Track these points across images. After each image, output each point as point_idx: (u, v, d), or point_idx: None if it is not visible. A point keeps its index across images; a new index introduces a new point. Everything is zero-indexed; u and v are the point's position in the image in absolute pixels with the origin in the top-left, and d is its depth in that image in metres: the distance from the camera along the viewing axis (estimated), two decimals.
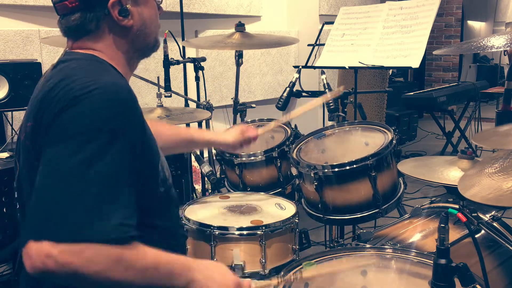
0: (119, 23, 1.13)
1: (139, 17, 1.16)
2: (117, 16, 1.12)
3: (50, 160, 0.96)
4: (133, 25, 1.16)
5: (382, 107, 4.79)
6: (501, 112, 3.57)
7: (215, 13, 4.22)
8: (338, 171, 1.82)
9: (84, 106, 0.98)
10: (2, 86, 2.56)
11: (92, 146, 0.95)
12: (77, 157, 0.94)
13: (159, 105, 2.52)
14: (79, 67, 1.08)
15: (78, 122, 0.97)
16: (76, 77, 1.03)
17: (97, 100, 0.99)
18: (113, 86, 1.03)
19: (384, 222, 2.06)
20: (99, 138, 0.96)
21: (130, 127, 1.02)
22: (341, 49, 2.93)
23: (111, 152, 0.96)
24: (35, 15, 3.20)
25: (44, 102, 1.03)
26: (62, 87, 1.01)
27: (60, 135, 0.97)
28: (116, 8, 1.12)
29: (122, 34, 1.16)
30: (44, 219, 0.92)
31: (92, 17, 1.12)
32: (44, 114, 1.01)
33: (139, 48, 1.21)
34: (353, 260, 1.40)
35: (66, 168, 0.94)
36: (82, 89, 0.99)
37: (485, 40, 1.54)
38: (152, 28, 1.21)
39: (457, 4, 7.69)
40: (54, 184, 0.94)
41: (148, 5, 1.19)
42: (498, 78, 8.32)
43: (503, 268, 1.53)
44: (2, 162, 2.41)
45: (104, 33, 1.14)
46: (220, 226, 1.66)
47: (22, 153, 1.11)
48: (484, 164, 1.37)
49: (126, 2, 1.13)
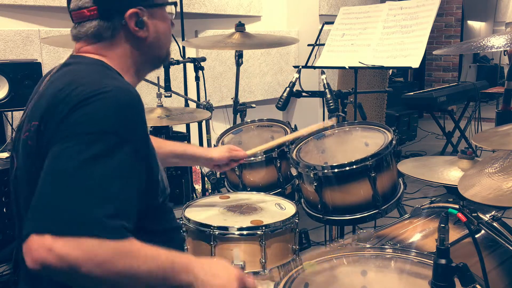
0: (134, 33, 1.16)
1: (154, 29, 1.19)
2: (133, 27, 1.15)
3: (55, 157, 0.98)
4: (147, 37, 1.18)
5: (382, 107, 4.79)
6: (501, 112, 3.57)
7: (215, 13, 4.22)
8: (337, 171, 1.82)
9: (95, 107, 0.99)
10: (2, 86, 2.56)
11: (99, 146, 0.96)
12: (83, 155, 0.95)
13: (159, 105, 2.53)
14: (90, 71, 1.11)
15: (88, 122, 0.98)
16: (87, 80, 1.05)
17: (109, 102, 1.00)
18: (125, 91, 1.05)
19: (384, 222, 2.06)
20: (107, 139, 0.97)
21: (137, 133, 1.04)
22: (341, 49, 2.93)
23: (117, 153, 0.98)
24: (35, 15, 3.20)
25: (53, 102, 1.04)
26: (73, 88, 1.03)
27: (69, 134, 0.99)
28: (133, 20, 1.15)
29: (136, 45, 1.18)
30: (46, 213, 0.93)
31: (109, 26, 1.14)
32: (53, 114, 1.02)
33: (150, 60, 1.24)
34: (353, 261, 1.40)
35: (70, 165, 0.95)
36: (94, 91, 1.01)
37: (485, 40, 1.54)
38: (165, 41, 1.24)
39: (457, 4, 7.69)
40: (57, 180, 0.95)
41: (163, 19, 1.22)
42: (498, 78, 8.32)
43: (503, 268, 1.53)
44: (2, 162, 2.41)
45: (119, 42, 1.17)
46: (220, 226, 1.66)
47: (22, 152, 1.12)
48: (484, 164, 1.37)
49: (143, 14, 1.16)
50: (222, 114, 3.93)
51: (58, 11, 3.28)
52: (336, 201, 1.88)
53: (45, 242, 0.90)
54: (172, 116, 2.45)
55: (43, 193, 0.96)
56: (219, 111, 3.93)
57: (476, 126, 4.78)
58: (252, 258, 1.67)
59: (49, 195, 0.95)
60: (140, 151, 1.04)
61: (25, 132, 1.11)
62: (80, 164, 0.95)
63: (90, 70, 1.11)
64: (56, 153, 0.98)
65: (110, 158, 0.97)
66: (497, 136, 1.38)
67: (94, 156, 0.96)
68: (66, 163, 0.96)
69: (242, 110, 2.83)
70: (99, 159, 0.96)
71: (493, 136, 1.38)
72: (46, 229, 0.91)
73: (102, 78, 1.06)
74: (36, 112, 1.07)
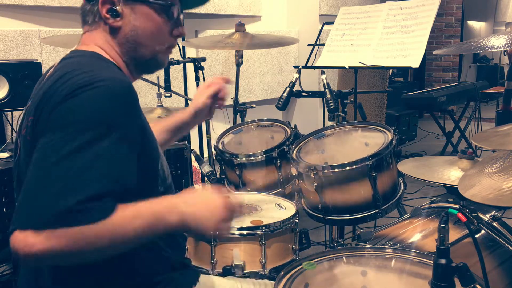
0: (106, 21, 1.16)
1: (131, 23, 1.17)
2: (104, 13, 1.15)
3: (41, 149, 0.98)
4: (121, 27, 1.17)
5: (382, 107, 4.79)
6: (501, 112, 3.57)
7: (215, 13, 4.22)
8: (338, 171, 1.82)
9: (84, 98, 0.99)
10: (2, 86, 2.56)
11: (85, 137, 0.96)
12: (66, 147, 0.95)
13: (159, 105, 2.53)
14: (83, 62, 1.11)
15: (76, 112, 0.98)
16: (79, 71, 1.05)
17: (98, 93, 1.00)
18: (115, 81, 1.04)
19: (384, 222, 2.06)
20: (94, 130, 0.97)
21: (128, 123, 1.03)
22: (341, 49, 2.93)
23: (103, 141, 0.97)
24: (35, 15, 3.20)
25: (46, 95, 1.04)
26: (65, 80, 1.03)
27: (56, 125, 0.99)
28: (106, 6, 1.15)
29: (112, 34, 1.18)
30: (27, 208, 0.94)
31: (89, 9, 1.17)
32: (45, 106, 1.02)
33: (132, 57, 1.21)
34: (353, 261, 1.40)
35: (53, 157, 0.95)
36: (85, 82, 1.01)
37: (485, 40, 1.54)
38: (147, 40, 1.20)
39: (457, 4, 7.69)
40: (39, 173, 0.96)
41: (145, 16, 1.18)
42: (498, 78, 8.32)
43: (503, 268, 1.53)
44: (2, 162, 2.41)
45: (99, 28, 1.18)
46: None
47: (23, 148, 1.12)
48: (484, 164, 1.37)
49: (118, 4, 1.15)
50: (222, 114, 3.93)
51: (58, 11, 3.28)
52: (336, 201, 1.88)
53: (27, 237, 0.91)
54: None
55: (26, 188, 0.96)
56: (219, 111, 3.92)
57: (476, 126, 4.78)
58: (252, 258, 1.67)
59: (31, 190, 0.95)
60: (132, 139, 1.03)
61: (24, 128, 1.12)
62: (62, 156, 0.95)
63: (83, 62, 1.11)
64: (42, 146, 0.98)
65: (94, 146, 0.96)
66: (497, 136, 1.38)
67: (78, 146, 0.95)
68: (49, 156, 0.96)
69: (242, 110, 2.83)
70: (83, 149, 0.95)
71: (493, 136, 1.38)
72: (27, 224, 0.92)
73: (94, 69, 1.06)
74: (33, 107, 1.08)
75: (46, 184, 0.94)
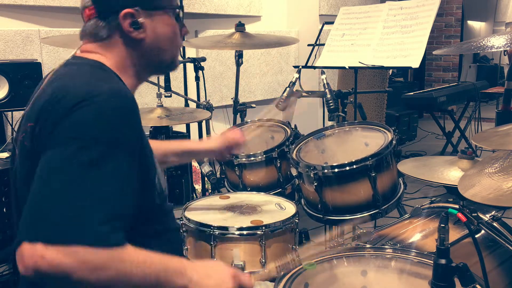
0: (128, 34, 1.15)
1: (153, 32, 1.17)
2: (127, 28, 1.14)
3: (47, 164, 0.97)
4: (145, 39, 1.17)
5: (382, 107, 4.79)
6: (501, 112, 3.57)
7: (215, 13, 4.22)
8: (338, 171, 1.82)
9: (85, 113, 0.99)
10: (2, 86, 2.56)
11: (90, 153, 0.96)
12: (74, 163, 0.95)
13: (159, 105, 2.53)
14: (84, 73, 1.10)
15: (78, 128, 0.98)
16: (80, 83, 1.04)
17: (99, 107, 1.00)
18: (116, 94, 1.04)
19: (384, 222, 2.06)
20: (97, 145, 0.97)
21: (128, 137, 1.03)
22: (341, 49, 2.93)
23: (108, 159, 0.97)
24: (35, 15, 3.20)
25: (47, 105, 1.03)
26: (65, 93, 1.02)
27: (60, 140, 0.98)
28: (128, 20, 1.14)
29: (133, 46, 1.17)
30: (38, 221, 0.93)
31: (105, 25, 1.14)
32: (47, 118, 1.02)
33: (152, 63, 1.22)
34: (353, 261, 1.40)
35: (61, 172, 0.95)
36: (86, 95, 1.00)
37: (485, 40, 1.54)
38: (167, 45, 1.21)
39: (457, 4, 7.69)
40: (48, 187, 0.95)
41: (164, 21, 1.19)
42: (498, 78, 8.32)
43: (503, 268, 1.53)
44: (2, 162, 2.41)
45: (115, 42, 1.16)
46: (220, 226, 1.66)
47: (19, 153, 1.12)
48: (484, 164, 1.37)
49: (139, 16, 1.14)
50: (222, 114, 3.93)
51: (58, 11, 3.28)
52: (336, 201, 1.88)
53: (36, 250, 0.90)
54: (172, 116, 2.45)
55: (35, 200, 0.95)
56: (219, 111, 3.93)
57: (476, 126, 4.78)
58: (252, 258, 1.67)
59: (40, 202, 0.94)
60: (133, 153, 1.04)
61: (22, 133, 1.11)
62: (71, 172, 0.94)
63: (84, 72, 1.10)
64: (48, 160, 0.97)
65: (101, 164, 0.96)
66: (497, 136, 1.38)
67: (85, 162, 0.95)
68: (57, 170, 0.95)
69: (242, 110, 2.83)
70: (90, 166, 0.95)
71: (493, 136, 1.38)
72: (37, 237, 0.91)
73: (96, 80, 1.06)
74: (32, 113, 1.07)
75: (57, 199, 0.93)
